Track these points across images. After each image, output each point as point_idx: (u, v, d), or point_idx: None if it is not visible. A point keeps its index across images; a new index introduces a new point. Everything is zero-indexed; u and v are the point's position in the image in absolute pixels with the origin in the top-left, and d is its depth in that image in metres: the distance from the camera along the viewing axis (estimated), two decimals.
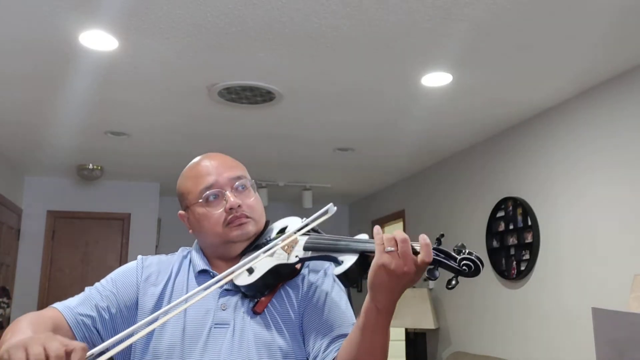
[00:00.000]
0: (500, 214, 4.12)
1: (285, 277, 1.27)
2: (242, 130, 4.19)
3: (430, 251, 1.01)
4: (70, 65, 3.00)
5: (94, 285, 1.30)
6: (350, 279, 1.12)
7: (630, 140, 3.05)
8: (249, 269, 1.23)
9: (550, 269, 3.60)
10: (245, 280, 1.23)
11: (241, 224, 1.28)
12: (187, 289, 1.27)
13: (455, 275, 1.02)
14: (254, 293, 1.24)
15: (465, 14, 2.47)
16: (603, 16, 2.49)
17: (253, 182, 1.36)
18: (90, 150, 4.77)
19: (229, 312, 1.23)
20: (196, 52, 2.85)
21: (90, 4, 2.38)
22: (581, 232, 3.36)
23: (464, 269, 1.01)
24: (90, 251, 5.86)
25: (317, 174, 5.73)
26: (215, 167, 1.32)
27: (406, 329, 5.06)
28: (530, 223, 3.77)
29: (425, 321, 4.79)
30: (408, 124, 4.02)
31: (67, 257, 5.79)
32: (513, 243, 3.96)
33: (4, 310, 4.91)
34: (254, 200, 1.33)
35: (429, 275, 1.02)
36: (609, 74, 3.15)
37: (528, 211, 3.80)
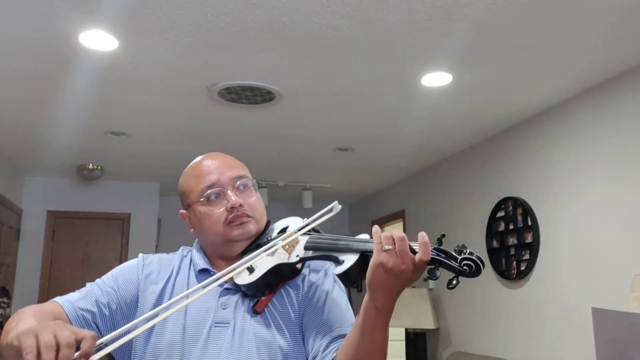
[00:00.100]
0: (500, 214, 4.12)
1: (286, 277, 1.27)
2: (242, 130, 4.19)
3: (429, 250, 1.02)
4: (70, 65, 3.00)
5: (94, 281, 1.31)
6: (350, 278, 1.12)
7: (630, 140, 3.05)
8: (250, 268, 1.23)
9: (550, 269, 3.60)
10: (245, 279, 1.23)
11: (242, 223, 1.29)
12: (188, 288, 1.27)
13: (456, 275, 1.02)
14: (255, 292, 1.24)
15: (465, 14, 2.47)
16: (603, 16, 2.49)
17: (254, 182, 1.37)
18: (90, 150, 4.77)
19: (229, 311, 1.23)
20: (196, 52, 2.85)
21: (90, 4, 2.38)
22: (581, 232, 3.37)
23: (464, 269, 1.01)
24: (90, 251, 5.87)
25: (317, 174, 5.73)
26: (217, 167, 1.32)
27: (406, 329, 5.06)
28: (530, 223, 3.77)
29: (425, 321, 4.79)
30: (408, 124, 4.02)
31: (67, 257, 5.79)
32: (513, 243, 3.96)
33: (4, 310, 4.90)
34: (255, 199, 1.34)
35: (429, 275, 1.02)
36: (609, 74, 3.15)
37: (528, 211, 3.80)
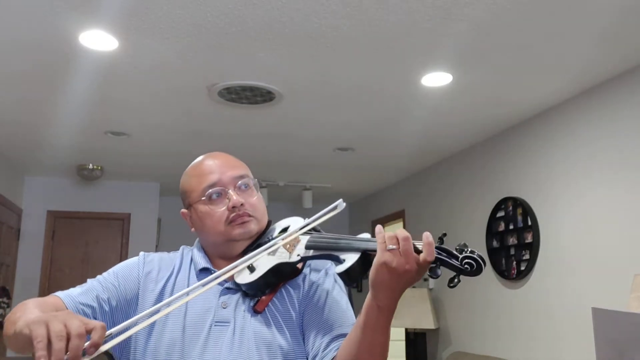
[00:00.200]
0: (500, 214, 4.12)
1: (287, 276, 1.27)
2: (242, 130, 4.19)
3: (433, 250, 1.01)
4: (70, 65, 3.00)
5: (95, 277, 1.31)
6: (351, 277, 1.12)
7: (630, 140, 3.05)
8: (251, 268, 1.23)
9: (550, 269, 3.60)
10: (246, 278, 1.23)
11: (243, 222, 1.29)
12: (188, 287, 1.27)
13: (457, 273, 1.02)
14: (255, 292, 1.24)
15: (465, 14, 2.47)
16: (603, 16, 2.49)
17: (256, 182, 1.37)
18: (90, 150, 4.77)
19: (229, 311, 1.23)
20: (196, 52, 2.85)
21: (90, 4, 2.38)
22: (581, 232, 3.37)
23: (466, 268, 1.01)
24: (90, 251, 5.86)
25: (317, 174, 5.73)
26: (218, 166, 1.33)
27: (406, 329, 5.06)
28: (530, 223, 3.77)
29: (425, 321, 4.79)
30: (408, 124, 4.02)
31: (67, 257, 5.78)
32: (513, 243, 3.96)
33: (4, 310, 4.90)
34: (256, 199, 1.34)
35: (430, 274, 1.02)
36: (608, 74, 3.15)
37: (528, 211, 3.80)
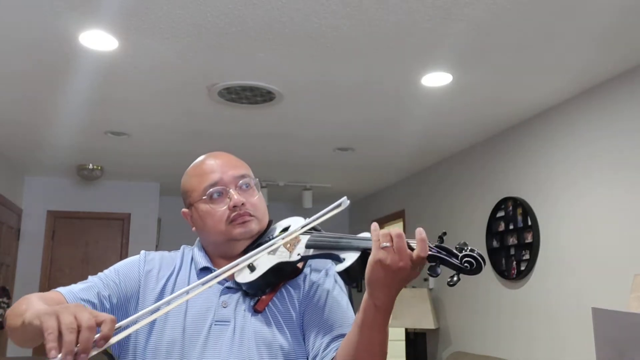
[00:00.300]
0: (500, 214, 4.12)
1: (287, 276, 1.28)
2: (242, 130, 4.20)
3: (426, 246, 1.02)
4: (70, 65, 3.00)
5: (96, 274, 1.31)
6: (352, 276, 1.12)
7: (630, 140, 3.05)
8: (251, 267, 1.23)
9: (550, 269, 3.60)
10: (246, 277, 1.23)
11: (244, 222, 1.29)
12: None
13: (457, 272, 1.03)
14: (256, 291, 1.24)
15: (465, 14, 2.47)
16: (603, 16, 2.49)
17: (257, 181, 1.37)
18: (90, 150, 4.77)
19: (229, 310, 1.23)
20: (196, 52, 2.85)
21: (90, 4, 2.38)
22: (581, 232, 3.37)
23: (465, 266, 1.02)
24: (90, 251, 5.87)
25: (317, 174, 5.73)
26: (219, 166, 1.33)
27: (406, 329, 5.06)
28: (530, 223, 3.77)
29: (425, 321, 4.79)
30: (408, 123, 4.02)
31: (67, 257, 5.79)
32: (513, 243, 3.96)
33: (4, 310, 4.90)
34: (257, 198, 1.34)
35: (430, 272, 1.03)
36: (608, 74, 3.15)
37: (528, 211, 3.80)
